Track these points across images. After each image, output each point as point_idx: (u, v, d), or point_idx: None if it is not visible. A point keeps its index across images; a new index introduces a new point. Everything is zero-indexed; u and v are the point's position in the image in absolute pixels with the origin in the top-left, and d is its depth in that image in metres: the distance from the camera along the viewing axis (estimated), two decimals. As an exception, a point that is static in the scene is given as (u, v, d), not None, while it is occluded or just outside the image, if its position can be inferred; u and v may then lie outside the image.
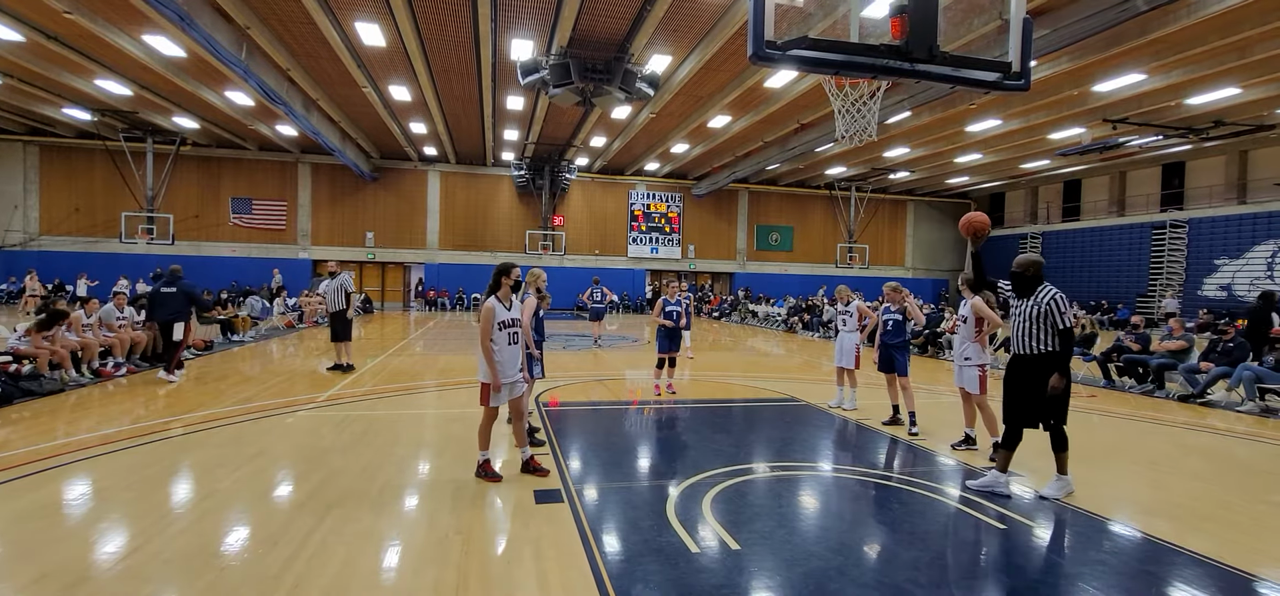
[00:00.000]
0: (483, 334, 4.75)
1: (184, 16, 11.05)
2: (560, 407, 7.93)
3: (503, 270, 4.95)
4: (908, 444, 6.46)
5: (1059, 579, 3.57)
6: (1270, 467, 5.97)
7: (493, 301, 4.84)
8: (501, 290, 4.92)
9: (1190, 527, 4.29)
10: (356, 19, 13.53)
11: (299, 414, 7.23)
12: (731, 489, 4.88)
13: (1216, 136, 20.74)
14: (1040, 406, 4.75)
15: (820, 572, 3.52)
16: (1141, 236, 26.51)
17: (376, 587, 3.29)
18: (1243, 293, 22.95)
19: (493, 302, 4.83)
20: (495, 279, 4.94)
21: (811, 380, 10.74)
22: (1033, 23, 4.83)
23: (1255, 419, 8.19)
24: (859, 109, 6.69)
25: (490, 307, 4.80)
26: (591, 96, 15.05)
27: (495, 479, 4.94)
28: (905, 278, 34.05)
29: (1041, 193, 32.74)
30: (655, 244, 32.18)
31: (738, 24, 12.91)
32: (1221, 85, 16.03)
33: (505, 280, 4.93)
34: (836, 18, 10.41)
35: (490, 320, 4.77)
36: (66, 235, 25.78)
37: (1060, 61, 14.42)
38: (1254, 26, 12.59)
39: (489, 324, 4.76)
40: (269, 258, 27.42)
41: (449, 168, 29.54)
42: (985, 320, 6.06)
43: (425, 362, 11.84)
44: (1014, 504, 4.69)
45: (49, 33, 14.13)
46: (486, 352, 4.76)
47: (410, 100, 19.45)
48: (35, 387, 7.84)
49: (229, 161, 27.15)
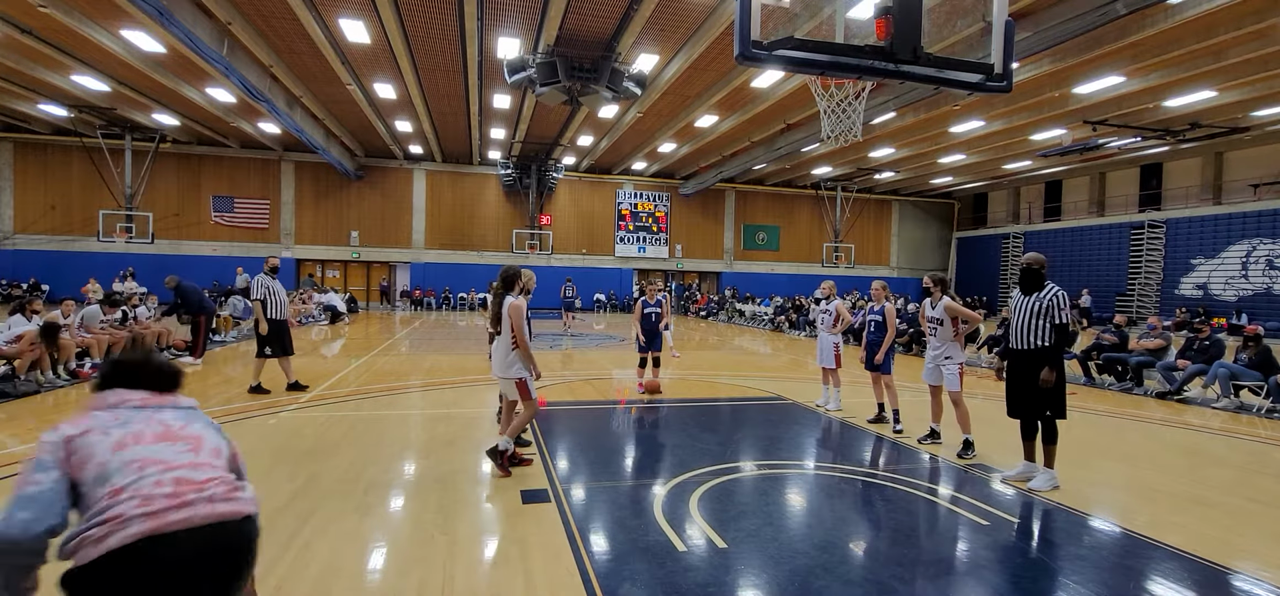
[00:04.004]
0: (521, 331, 4.88)
1: (163, 11, 10.87)
2: (546, 407, 7.91)
3: (514, 275, 5.16)
4: (892, 441, 6.51)
5: (1040, 573, 3.62)
6: (1244, 462, 6.11)
7: (522, 300, 5.03)
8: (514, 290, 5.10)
9: (1167, 522, 4.37)
10: (340, 15, 13.39)
11: (282, 414, 7.15)
12: (718, 487, 4.89)
13: (1193, 138, 21.15)
14: (1036, 399, 4.92)
15: (806, 570, 3.54)
16: (1120, 236, 26.96)
17: (361, 589, 3.27)
18: (1218, 292, 23.42)
19: (522, 301, 5.03)
20: (507, 283, 5.10)
21: (798, 379, 10.80)
22: (1015, 25, 4.89)
23: (1230, 415, 8.36)
24: (844, 109, 6.74)
25: (521, 305, 4.98)
26: (578, 95, 15.02)
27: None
28: (891, 277, 34.35)
29: (1023, 193, 33.18)
30: (643, 243, 32.19)
31: (724, 24, 12.95)
32: (1198, 88, 16.35)
33: (520, 283, 5.17)
34: (822, 18, 10.46)
35: (523, 315, 4.96)
36: (42, 234, 25.27)
37: (1042, 64, 14.63)
38: (1229, 30, 12.85)
39: (523, 320, 4.94)
40: (252, 257, 27.04)
41: (435, 166, 29.34)
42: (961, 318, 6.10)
43: (411, 362, 11.76)
44: (996, 499, 4.75)
45: (23, 26, 13.83)
46: (525, 347, 4.91)
47: (395, 98, 19.30)
48: (9, 389, 7.68)
49: (210, 159, 26.76)
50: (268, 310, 8.20)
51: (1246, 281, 22.63)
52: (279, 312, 8.37)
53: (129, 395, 1.92)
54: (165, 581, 1.65)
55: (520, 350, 4.90)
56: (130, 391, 1.93)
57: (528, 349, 4.94)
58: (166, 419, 1.91)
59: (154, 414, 1.91)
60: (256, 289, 8.25)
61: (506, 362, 4.95)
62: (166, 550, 1.65)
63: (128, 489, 1.68)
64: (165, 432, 1.87)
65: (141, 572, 1.62)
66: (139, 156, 24.72)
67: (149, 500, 1.68)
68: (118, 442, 1.77)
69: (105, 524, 1.62)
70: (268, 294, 8.23)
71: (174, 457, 1.81)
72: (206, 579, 1.72)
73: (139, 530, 1.62)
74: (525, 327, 4.97)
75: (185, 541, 1.67)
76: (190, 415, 2.00)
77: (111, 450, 1.75)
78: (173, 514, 1.68)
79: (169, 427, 1.89)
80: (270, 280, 8.33)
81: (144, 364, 2.01)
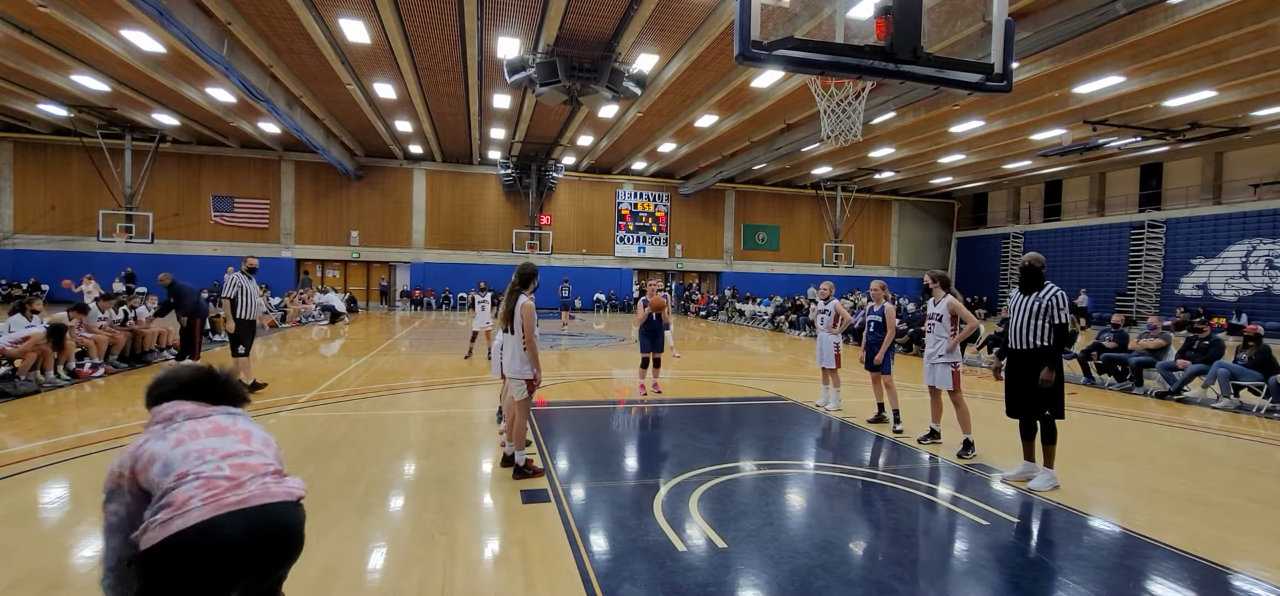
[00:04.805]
0: (530, 331, 4.89)
1: (163, 11, 10.87)
2: (547, 407, 7.91)
3: (532, 273, 5.16)
4: (892, 441, 6.51)
5: (1040, 573, 3.62)
6: (1244, 462, 6.11)
7: (531, 300, 5.04)
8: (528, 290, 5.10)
9: (1167, 522, 4.37)
10: (340, 15, 13.39)
11: (282, 414, 7.15)
12: (718, 487, 4.89)
13: (1193, 138, 21.15)
14: (1036, 399, 4.92)
15: (806, 569, 3.54)
16: (1120, 236, 26.97)
17: (361, 589, 3.27)
18: (1218, 292, 23.42)
19: (532, 301, 5.03)
20: (525, 281, 5.10)
21: (797, 379, 10.80)
22: (1015, 25, 4.89)
23: (1229, 415, 8.36)
24: (844, 109, 6.74)
25: (531, 306, 4.99)
26: (578, 95, 15.02)
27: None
28: (891, 277, 34.37)
29: (1024, 193, 33.19)
30: (642, 243, 32.20)
31: (724, 24, 12.95)
32: (1198, 88, 16.35)
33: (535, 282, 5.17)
34: (822, 18, 10.45)
35: (534, 317, 4.99)
36: (42, 234, 25.28)
37: (1041, 64, 14.63)
38: (1229, 30, 12.85)
39: (533, 320, 4.96)
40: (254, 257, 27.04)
41: (435, 166, 29.34)
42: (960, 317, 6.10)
43: (411, 362, 11.76)
44: (996, 499, 4.76)
45: (23, 26, 13.83)
46: (534, 347, 4.91)
47: (395, 98, 19.30)
48: (10, 389, 7.68)
49: (210, 159, 26.76)
50: (237, 309, 8.27)
51: (1246, 281, 22.64)
52: (249, 312, 8.44)
53: (183, 406, 2.08)
54: (223, 560, 1.78)
55: (529, 350, 4.93)
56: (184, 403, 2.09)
57: (536, 349, 4.96)
58: (217, 418, 2.08)
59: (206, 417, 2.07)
60: (228, 287, 8.37)
61: (519, 362, 4.95)
62: (224, 530, 1.78)
63: (191, 473, 1.84)
64: (217, 427, 2.03)
65: (203, 552, 1.75)
66: (139, 156, 24.72)
67: (210, 483, 1.83)
68: (177, 440, 1.93)
69: (170, 508, 1.76)
70: (238, 292, 8.31)
71: (230, 446, 1.97)
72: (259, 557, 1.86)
73: (200, 515, 1.76)
74: (535, 328, 4.99)
75: (240, 521, 1.81)
76: (237, 415, 2.15)
77: (172, 446, 1.91)
78: (230, 495, 1.82)
79: (220, 424, 2.05)
80: (245, 280, 8.44)
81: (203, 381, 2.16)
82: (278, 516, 1.91)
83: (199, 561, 1.76)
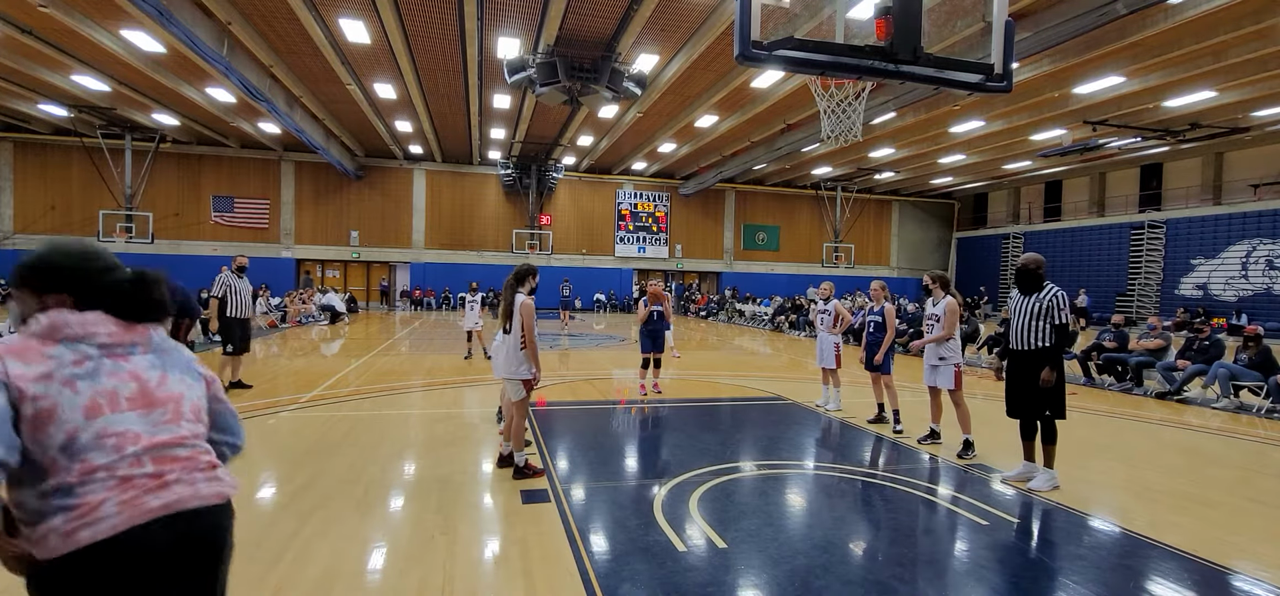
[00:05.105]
0: (529, 329, 4.89)
1: (163, 11, 10.87)
2: (547, 407, 7.91)
3: (528, 271, 5.17)
4: (892, 442, 6.52)
5: (1040, 573, 3.62)
6: (1243, 462, 6.11)
7: (531, 299, 5.05)
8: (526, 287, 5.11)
9: (1167, 522, 4.37)
10: (340, 15, 13.39)
11: (282, 414, 7.15)
12: (718, 488, 4.89)
13: (1193, 138, 21.15)
14: (1036, 399, 4.93)
15: (806, 570, 3.54)
16: (1120, 236, 26.97)
17: (361, 589, 3.27)
18: (1218, 292, 23.42)
19: (531, 300, 5.05)
20: (521, 279, 5.11)
21: (797, 379, 10.80)
22: (1015, 25, 4.89)
23: (1230, 415, 8.36)
24: (844, 109, 6.75)
25: (531, 304, 5.00)
26: (578, 95, 15.02)
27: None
28: (891, 277, 34.36)
29: (1024, 193, 33.19)
30: (642, 243, 32.20)
31: (724, 24, 12.95)
32: (1198, 88, 16.36)
33: (532, 280, 5.17)
34: (822, 19, 10.45)
35: (534, 315, 5.00)
36: (42, 234, 25.25)
37: (1041, 64, 14.63)
38: (1229, 30, 12.85)
39: (533, 318, 4.97)
40: (252, 257, 27.02)
41: (435, 166, 29.34)
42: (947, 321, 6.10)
43: (411, 362, 11.76)
44: (996, 499, 4.76)
45: (23, 26, 13.83)
46: (533, 346, 4.91)
47: (395, 98, 19.30)
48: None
49: (210, 159, 26.77)
50: (227, 308, 8.26)
51: (1246, 281, 22.63)
52: (241, 311, 8.42)
53: (96, 326, 1.56)
54: (143, 576, 1.48)
55: (529, 349, 4.93)
56: (97, 319, 1.57)
57: (536, 347, 4.96)
58: (141, 372, 1.60)
59: (125, 362, 1.58)
60: (216, 286, 8.34)
61: (515, 362, 4.94)
62: (144, 543, 1.47)
63: (101, 469, 1.47)
64: (142, 393, 1.58)
65: (118, 569, 1.45)
66: (139, 156, 24.73)
67: (126, 484, 1.48)
68: (89, 406, 1.49)
69: (73, 513, 1.42)
70: (227, 291, 8.30)
71: (154, 430, 1.57)
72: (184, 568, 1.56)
73: (114, 524, 1.44)
74: (535, 327, 4.99)
75: (164, 531, 1.50)
76: (165, 360, 1.67)
77: (83, 414, 1.47)
78: (152, 498, 1.50)
79: (145, 385, 1.59)
80: (234, 278, 8.42)
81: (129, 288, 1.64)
82: (205, 521, 1.59)
83: (113, 579, 1.44)
